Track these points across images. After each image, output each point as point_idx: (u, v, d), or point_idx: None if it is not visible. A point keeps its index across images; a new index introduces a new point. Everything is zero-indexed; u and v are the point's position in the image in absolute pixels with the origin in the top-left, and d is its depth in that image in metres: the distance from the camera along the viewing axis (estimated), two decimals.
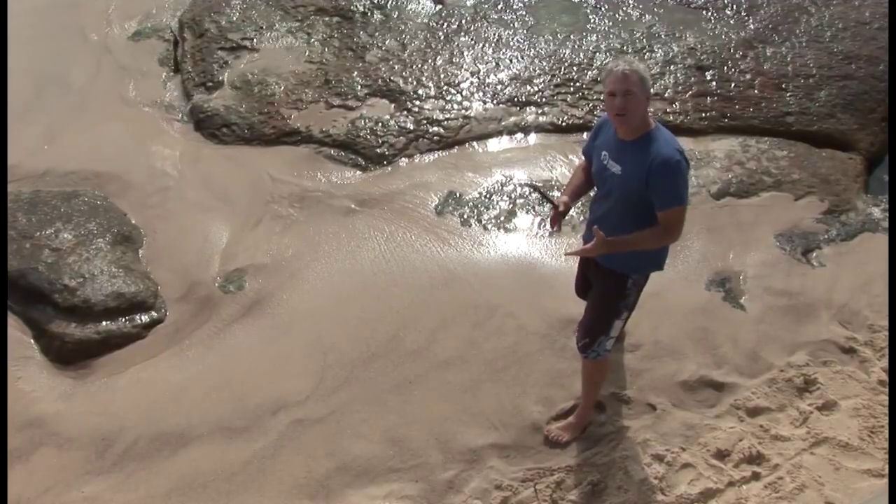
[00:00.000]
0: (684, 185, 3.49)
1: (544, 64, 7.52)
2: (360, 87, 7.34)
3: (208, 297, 5.51)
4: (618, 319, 4.06)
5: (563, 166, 6.51)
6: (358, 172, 6.61)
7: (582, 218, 5.92)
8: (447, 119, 6.99)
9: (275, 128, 7.01)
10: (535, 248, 5.77)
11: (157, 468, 4.47)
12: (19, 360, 5.10)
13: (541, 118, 7.02)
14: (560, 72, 7.41)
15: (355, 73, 7.49)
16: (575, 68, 7.44)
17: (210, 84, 7.54)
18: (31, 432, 4.67)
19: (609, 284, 3.98)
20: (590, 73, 7.38)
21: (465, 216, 6.06)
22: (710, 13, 8.09)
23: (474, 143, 6.87)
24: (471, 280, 5.47)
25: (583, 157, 4.14)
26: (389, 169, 6.64)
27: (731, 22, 7.88)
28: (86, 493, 4.35)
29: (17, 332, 5.27)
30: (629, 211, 3.67)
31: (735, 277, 5.55)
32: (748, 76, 7.28)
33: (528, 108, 7.11)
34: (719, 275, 5.57)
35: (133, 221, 6.14)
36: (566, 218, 4.29)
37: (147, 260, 5.85)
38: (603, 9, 8.22)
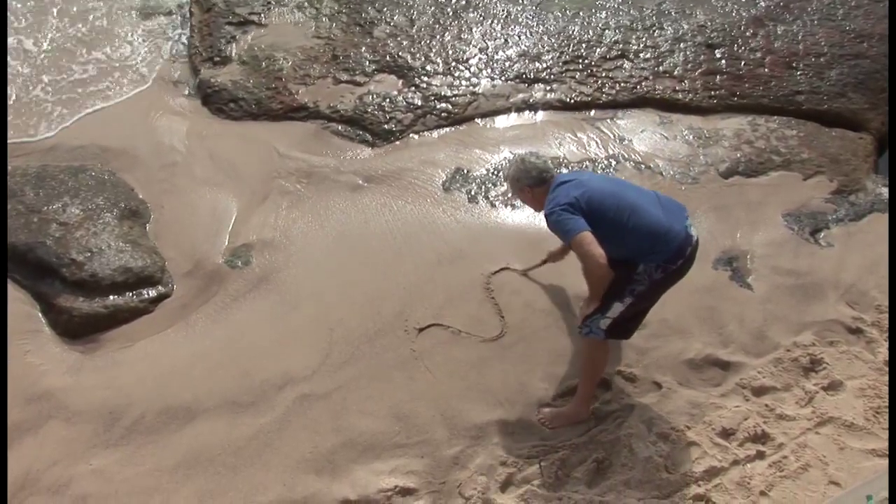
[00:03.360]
0: (565, 225, 3.92)
1: (553, 41, 7.47)
2: (368, 62, 7.31)
3: (215, 272, 5.52)
4: (618, 302, 4.05)
5: (570, 143, 6.48)
6: (365, 148, 6.59)
7: None
8: (455, 95, 6.97)
9: (282, 103, 6.99)
10: (543, 225, 5.75)
11: (164, 442, 4.50)
12: (28, 333, 5.12)
13: (549, 95, 6.99)
14: (569, 49, 7.36)
15: (363, 48, 7.46)
16: (584, 45, 7.38)
17: (217, 59, 7.51)
18: (39, 405, 4.69)
19: (623, 267, 3.98)
20: (598, 50, 7.33)
21: (473, 193, 6.05)
22: None
23: (482, 120, 6.84)
24: (478, 257, 5.47)
25: None
26: (397, 145, 6.62)
27: None
28: (94, 466, 4.38)
29: (26, 307, 5.29)
30: None
31: (742, 256, 5.54)
32: (758, 54, 7.23)
33: (536, 85, 7.07)
34: (727, 254, 5.56)
35: (140, 196, 6.14)
36: None
37: (154, 235, 5.86)
38: None
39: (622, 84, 7.03)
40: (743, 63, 7.15)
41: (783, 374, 4.78)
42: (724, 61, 7.18)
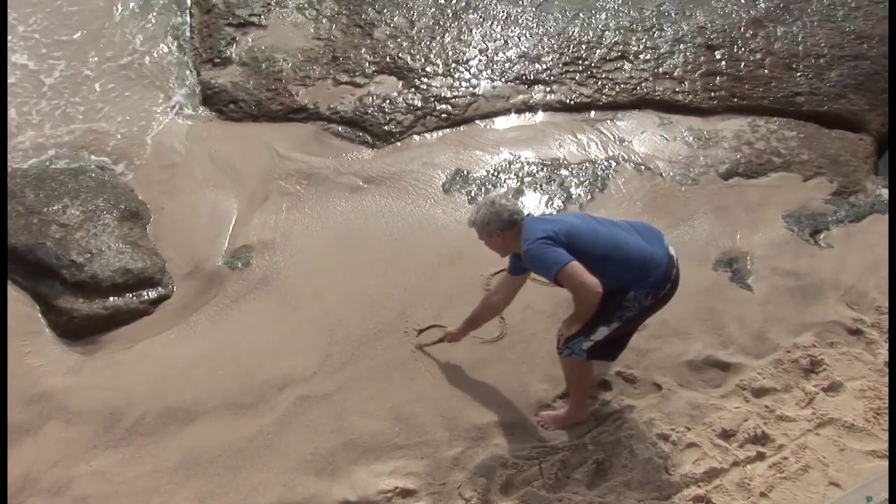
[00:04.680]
0: (547, 258, 3.79)
1: (553, 42, 7.48)
2: (367, 64, 7.31)
3: (215, 274, 5.52)
4: (604, 326, 3.98)
5: (570, 145, 6.49)
6: (365, 149, 6.59)
7: None
8: (455, 97, 6.97)
9: (282, 104, 6.99)
10: None
11: (164, 443, 4.50)
12: (28, 334, 5.13)
13: (549, 96, 6.99)
14: (569, 50, 7.37)
15: (363, 49, 7.46)
16: (584, 46, 7.39)
17: (217, 60, 7.51)
18: (39, 406, 4.70)
19: (612, 294, 3.88)
20: (598, 51, 7.33)
21: (473, 194, 6.05)
22: None
23: (482, 121, 6.84)
24: (477, 258, 5.47)
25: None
26: (397, 146, 6.62)
27: (742, 1, 7.80)
28: (94, 467, 4.39)
29: (26, 308, 5.30)
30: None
31: (742, 258, 5.54)
32: (758, 56, 7.23)
33: (536, 87, 7.07)
34: (727, 255, 5.56)
35: (140, 198, 6.14)
36: None
37: (154, 236, 5.86)
38: None
39: (622, 85, 7.03)
40: (743, 64, 7.15)
41: (783, 376, 4.78)
42: (723, 62, 7.18)
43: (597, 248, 3.84)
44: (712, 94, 6.95)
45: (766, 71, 7.09)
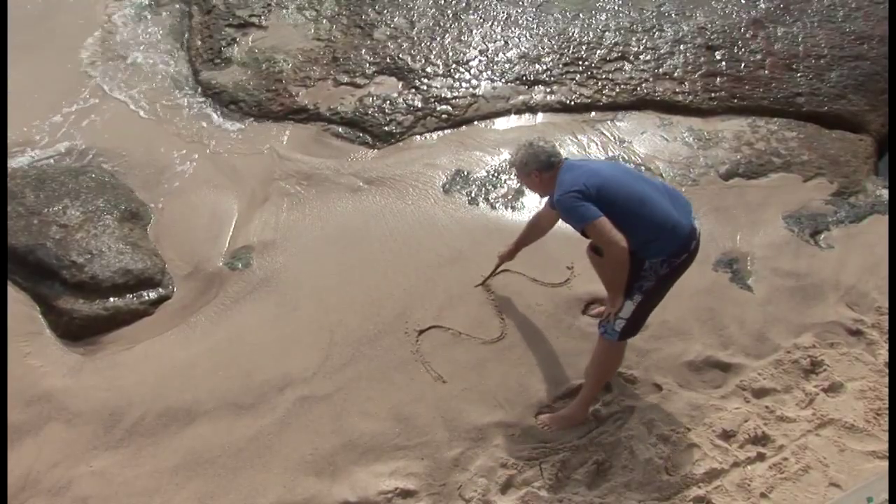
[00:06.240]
0: (577, 212, 3.86)
1: (553, 42, 7.48)
2: (368, 64, 7.31)
3: (216, 274, 5.52)
4: (629, 300, 4.02)
5: (571, 145, 6.48)
6: (366, 150, 6.59)
7: None
8: (455, 97, 6.97)
9: (282, 105, 6.99)
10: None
11: (164, 444, 4.50)
12: (28, 335, 5.13)
13: (549, 97, 6.99)
14: (569, 51, 7.37)
15: (363, 50, 7.46)
16: (584, 47, 7.39)
17: (218, 61, 7.51)
18: (39, 407, 4.70)
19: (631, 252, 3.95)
20: (599, 52, 7.33)
21: (473, 195, 6.05)
22: None
23: (482, 122, 6.84)
24: (477, 258, 5.47)
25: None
26: (398, 146, 6.62)
27: (742, 1, 7.80)
28: (94, 468, 4.39)
29: (26, 308, 5.30)
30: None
31: (743, 258, 5.54)
32: (758, 56, 7.23)
33: (536, 87, 7.07)
34: (727, 255, 5.56)
35: (140, 198, 6.14)
36: None
37: (155, 237, 5.86)
38: None
39: (622, 86, 7.03)
40: (743, 65, 7.15)
41: (783, 376, 4.78)
42: (724, 63, 7.17)
43: (625, 205, 3.88)
44: (712, 94, 6.94)
45: (766, 71, 7.08)
